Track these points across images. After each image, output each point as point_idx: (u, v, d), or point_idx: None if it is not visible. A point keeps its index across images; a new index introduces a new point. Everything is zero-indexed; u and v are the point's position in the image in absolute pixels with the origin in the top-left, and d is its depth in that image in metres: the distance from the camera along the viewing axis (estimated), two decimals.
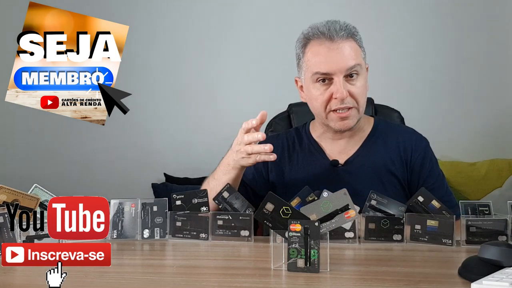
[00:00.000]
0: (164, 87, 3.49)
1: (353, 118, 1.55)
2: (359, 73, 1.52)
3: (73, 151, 3.50)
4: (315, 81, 1.54)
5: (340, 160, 1.60)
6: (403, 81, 3.29)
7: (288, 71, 1.92)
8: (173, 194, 1.43)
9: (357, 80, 1.52)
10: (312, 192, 1.40)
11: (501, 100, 3.27)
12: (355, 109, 1.54)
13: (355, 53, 1.52)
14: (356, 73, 1.52)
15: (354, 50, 1.52)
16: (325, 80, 1.52)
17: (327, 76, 1.51)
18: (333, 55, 1.50)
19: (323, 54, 1.51)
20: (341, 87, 1.49)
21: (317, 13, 2.64)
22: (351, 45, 1.52)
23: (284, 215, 1.09)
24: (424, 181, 1.57)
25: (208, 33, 3.46)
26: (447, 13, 3.30)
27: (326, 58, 1.50)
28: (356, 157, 1.60)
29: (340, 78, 1.50)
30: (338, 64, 1.49)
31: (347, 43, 1.51)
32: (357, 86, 1.52)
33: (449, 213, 1.33)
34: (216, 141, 3.43)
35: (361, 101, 1.54)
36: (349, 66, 1.50)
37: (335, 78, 1.50)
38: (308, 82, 1.56)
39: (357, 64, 1.51)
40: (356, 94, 1.52)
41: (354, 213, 1.13)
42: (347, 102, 1.51)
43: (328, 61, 1.50)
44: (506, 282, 0.85)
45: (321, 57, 1.51)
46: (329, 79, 1.52)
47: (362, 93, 1.54)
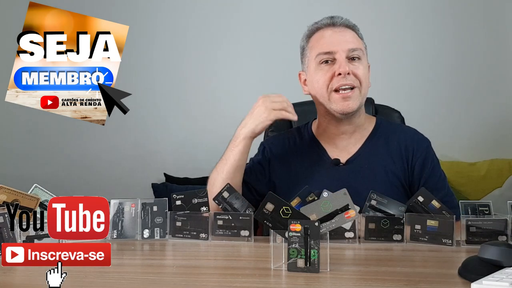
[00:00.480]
0: (164, 87, 3.49)
1: (355, 99, 1.54)
2: (360, 59, 1.56)
3: (73, 151, 3.50)
4: (319, 63, 1.56)
5: (341, 159, 1.60)
6: (403, 81, 3.29)
7: (288, 71, 1.92)
8: (173, 194, 1.43)
9: (359, 63, 1.56)
10: (312, 192, 1.40)
11: (501, 100, 3.27)
12: (358, 89, 1.54)
13: (357, 40, 1.58)
14: (358, 57, 1.55)
15: (356, 38, 1.58)
16: (328, 62, 1.55)
17: (330, 56, 1.55)
18: (336, 36, 1.56)
19: (326, 36, 1.57)
20: (343, 62, 1.53)
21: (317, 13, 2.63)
22: (353, 33, 1.58)
23: (284, 215, 1.09)
24: (425, 182, 1.56)
25: (208, 33, 3.46)
26: (447, 13, 3.30)
27: (329, 39, 1.56)
28: (357, 156, 1.60)
29: (342, 55, 1.54)
30: (340, 44, 1.54)
31: (349, 30, 1.58)
32: (359, 68, 1.55)
33: (449, 213, 1.33)
34: (216, 141, 3.43)
35: (364, 82, 1.55)
36: (351, 47, 1.54)
37: (337, 56, 1.54)
38: (311, 68, 1.59)
39: (359, 48, 1.56)
40: (359, 74, 1.54)
41: (354, 213, 1.13)
42: (349, 79, 1.53)
43: (331, 41, 1.55)
44: (506, 282, 0.85)
45: (324, 39, 1.57)
46: (332, 59, 1.55)
47: (365, 75, 1.56)
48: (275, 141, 1.71)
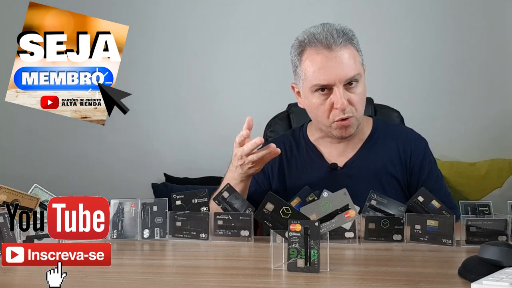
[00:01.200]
0: (164, 87, 3.49)
1: (353, 125, 1.54)
2: (358, 81, 1.51)
3: (73, 151, 3.50)
4: (314, 91, 1.52)
5: (339, 163, 1.59)
6: (403, 81, 3.29)
7: (288, 71, 1.91)
8: (173, 194, 1.43)
9: (357, 87, 1.51)
10: (312, 192, 1.40)
11: (501, 100, 3.27)
12: (355, 117, 1.53)
13: (354, 60, 1.49)
14: (356, 81, 1.50)
15: (353, 58, 1.49)
16: (324, 90, 1.50)
17: (327, 87, 1.50)
18: (332, 65, 1.47)
19: (321, 64, 1.48)
20: (341, 97, 1.47)
21: (317, 13, 2.65)
22: (350, 52, 1.49)
23: (284, 215, 1.09)
24: (423, 182, 1.56)
25: (208, 33, 3.46)
26: (447, 13, 3.30)
27: (325, 69, 1.47)
28: (355, 159, 1.60)
29: (340, 88, 1.48)
30: (337, 75, 1.47)
31: (345, 51, 1.48)
32: (356, 94, 1.51)
33: (449, 213, 1.33)
34: (216, 141, 3.45)
35: (360, 108, 1.54)
36: (348, 76, 1.48)
37: (335, 89, 1.48)
38: (306, 92, 1.54)
39: (357, 73, 1.49)
40: (355, 102, 1.51)
41: (354, 213, 1.13)
42: (347, 112, 1.50)
43: (327, 72, 1.47)
44: (506, 282, 0.85)
45: (319, 67, 1.48)
46: (329, 88, 1.50)
47: (361, 100, 1.54)
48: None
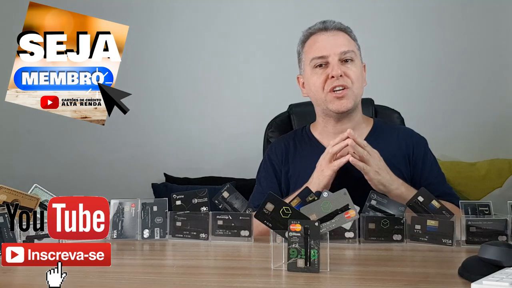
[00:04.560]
0: (164, 87, 3.49)
1: (349, 98, 1.59)
2: (353, 60, 1.61)
3: (73, 151, 3.50)
4: (313, 67, 1.62)
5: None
6: (403, 81, 3.29)
7: (288, 72, 1.92)
8: (173, 194, 1.43)
9: (352, 65, 1.61)
10: (312, 192, 1.39)
11: (501, 100, 3.27)
12: (351, 90, 1.59)
13: (348, 42, 1.63)
14: (351, 59, 1.60)
15: (347, 40, 1.63)
16: (322, 65, 1.61)
17: (323, 60, 1.60)
18: (328, 40, 1.62)
19: (319, 41, 1.63)
20: (336, 65, 1.58)
21: (318, 13, 2.64)
22: (345, 36, 1.63)
23: (284, 215, 1.09)
24: (426, 177, 1.60)
25: (209, 33, 3.46)
26: (447, 13, 3.30)
27: (321, 44, 1.62)
28: None
29: (335, 59, 1.59)
30: (332, 47, 1.60)
31: (340, 32, 1.63)
32: (352, 70, 1.60)
33: (449, 213, 1.33)
34: (216, 141, 3.45)
35: (356, 83, 1.60)
36: (342, 50, 1.59)
37: (330, 60, 1.59)
38: (307, 72, 1.64)
39: (351, 50, 1.61)
40: (351, 75, 1.59)
41: (354, 213, 1.13)
42: (342, 80, 1.58)
43: (323, 46, 1.61)
44: (506, 282, 0.85)
45: (317, 44, 1.63)
46: (325, 63, 1.60)
47: (357, 76, 1.60)
48: (272, 150, 1.73)
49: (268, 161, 1.71)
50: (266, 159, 1.73)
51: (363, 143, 1.48)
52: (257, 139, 2.04)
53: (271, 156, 1.71)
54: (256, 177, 1.74)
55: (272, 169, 1.69)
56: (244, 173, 3.12)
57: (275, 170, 1.69)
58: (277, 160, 1.69)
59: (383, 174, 1.46)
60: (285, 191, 1.65)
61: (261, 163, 1.75)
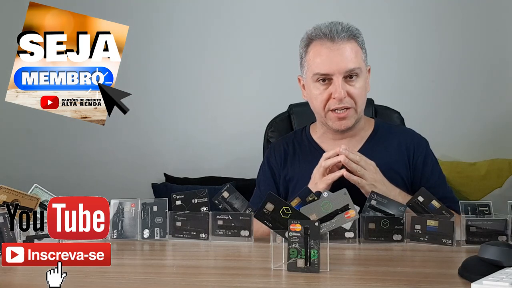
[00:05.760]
0: (164, 87, 3.49)
1: (351, 118, 1.57)
2: (358, 75, 1.54)
3: (73, 151, 3.50)
4: (315, 81, 1.56)
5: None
6: (403, 81, 3.29)
7: (288, 72, 1.92)
8: (173, 194, 1.43)
9: (356, 81, 1.55)
10: (312, 192, 1.39)
11: (501, 100, 3.27)
12: (353, 109, 1.56)
13: (356, 55, 1.54)
14: (356, 74, 1.54)
15: (355, 52, 1.54)
16: (325, 80, 1.55)
17: (326, 77, 1.54)
18: (333, 56, 1.52)
19: (323, 54, 1.54)
20: (339, 87, 1.52)
21: (318, 14, 2.65)
22: (352, 47, 1.54)
23: (284, 215, 1.09)
24: (427, 180, 1.59)
25: (208, 33, 3.46)
26: (448, 13, 3.30)
27: (326, 59, 1.53)
28: None
29: (339, 78, 1.52)
30: (337, 65, 1.52)
31: (348, 45, 1.53)
32: (356, 87, 1.54)
33: (449, 213, 1.33)
34: (216, 141, 3.45)
35: (359, 102, 1.56)
36: (348, 68, 1.52)
37: (334, 79, 1.53)
38: (309, 82, 1.59)
39: (357, 67, 1.53)
40: (354, 95, 1.54)
41: (354, 213, 1.13)
42: (345, 102, 1.54)
43: (328, 62, 1.53)
44: (506, 282, 0.85)
45: (321, 57, 1.54)
46: (329, 79, 1.54)
47: (361, 94, 1.56)
48: (271, 153, 1.72)
49: (267, 164, 1.70)
50: (265, 162, 1.72)
51: (356, 158, 1.45)
52: (257, 139, 2.04)
53: (270, 159, 1.70)
54: (256, 180, 1.74)
55: (270, 172, 1.68)
56: (244, 173, 3.12)
57: (274, 174, 1.68)
58: (276, 163, 1.68)
59: (379, 187, 1.44)
60: (284, 195, 1.64)
61: (260, 166, 1.74)
